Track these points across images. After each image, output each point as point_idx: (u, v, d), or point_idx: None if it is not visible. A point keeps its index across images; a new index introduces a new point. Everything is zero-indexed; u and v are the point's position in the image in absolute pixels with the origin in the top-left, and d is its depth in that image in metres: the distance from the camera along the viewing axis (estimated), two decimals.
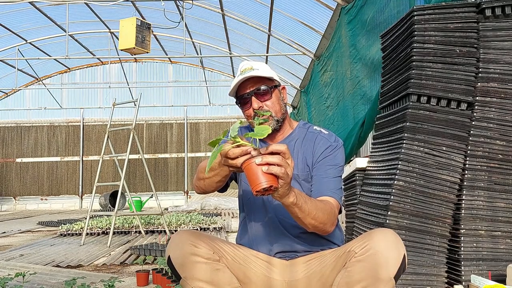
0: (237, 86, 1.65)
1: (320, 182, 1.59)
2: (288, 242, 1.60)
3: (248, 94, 1.63)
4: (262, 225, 1.65)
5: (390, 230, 1.39)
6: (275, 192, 1.27)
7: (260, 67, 1.65)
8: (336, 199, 1.56)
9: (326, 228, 1.49)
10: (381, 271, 1.30)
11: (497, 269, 2.55)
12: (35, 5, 10.22)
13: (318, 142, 1.66)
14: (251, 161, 1.23)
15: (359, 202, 3.36)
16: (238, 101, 1.68)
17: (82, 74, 16.54)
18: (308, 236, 1.60)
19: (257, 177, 1.22)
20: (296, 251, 1.60)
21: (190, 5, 8.66)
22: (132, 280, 3.29)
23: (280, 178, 1.23)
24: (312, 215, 1.41)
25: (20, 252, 4.79)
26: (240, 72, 1.65)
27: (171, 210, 11.54)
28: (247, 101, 1.65)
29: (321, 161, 1.62)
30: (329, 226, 1.49)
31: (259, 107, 1.62)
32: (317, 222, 1.43)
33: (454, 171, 2.71)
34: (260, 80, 1.64)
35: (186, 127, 16.28)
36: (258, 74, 1.61)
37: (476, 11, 2.82)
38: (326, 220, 1.46)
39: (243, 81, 1.63)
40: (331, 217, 1.49)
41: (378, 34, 4.41)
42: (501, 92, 2.76)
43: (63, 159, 16.07)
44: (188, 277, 1.45)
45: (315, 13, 8.08)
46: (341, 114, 6.94)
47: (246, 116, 1.69)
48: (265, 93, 1.63)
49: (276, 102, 1.65)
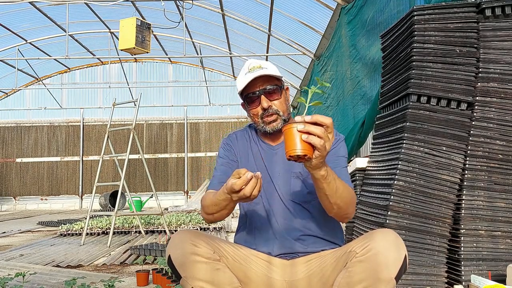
0: (246, 84, 1.63)
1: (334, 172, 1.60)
2: (288, 244, 1.59)
3: (258, 93, 1.62)
4: (263, 228, 1.64)
5: (391, 231, 1.38)
6: (308, 162, 1.28)
7: (269, 66, 1.64)
8: (351, 187, 1.55)
9: (349, 211, 1.48)
10: (382, 271, 1.30)
11: (497, 269, 2.55)
12: (35, 5, 10.22)
13: None
14: (292, 125, 1.23)
15: (359, 202, 3.36)
16: (245, 99, 1.66)
17: (82, 74, 16.54)
18: (308, 238, 1.59)
19: (294, 142, 1.23)
20: (297, 252, 1.60)
21: (190, 5, 8.66)
22: (132, 280, 3.29)
23: (317, 149, 1.23)
24: (339, 193, 1.40)
25: (20, 252, 4.79)
26: (248, 70, 1.63)
27: (171, 210, 11.54)
28: (255, 100, 1.63)
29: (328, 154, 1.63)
30: (351, 210, 1.49)
31: (268, 106, 1.62)
32: (342, 203, 1.43)
33: (454, 171, 2.71)
34: (269, 79, 1.62)
35: (186, 127, 16.27)
36: (268, 73, 1.60)
37: (476, 11, 2.81)
38: (350, 202, 1.46)
39: (253, 79, 1.62)
40: (353, 201, 1.49)
41: (378, 34, 4.41)
42: (501, 92, 2.76)
43: (63, 159, 16.07)
44: (189, 276, 1.44)
45: (315, 13, 8.08)
46: (341, 114, 6.94)
47: (252, 114, 1.67)
48: (275, 93, 1.63)
49: (283, 102, 1.66)
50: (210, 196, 1.53)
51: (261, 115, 1.64)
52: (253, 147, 1.74)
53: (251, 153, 1.73)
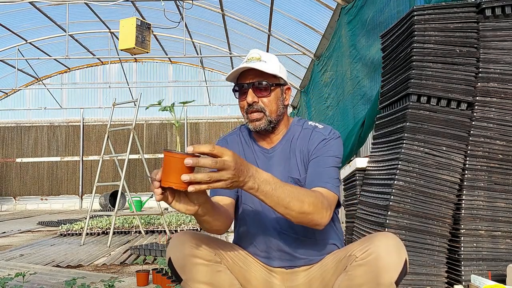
0: (239, 73, 1.57)
1: (313, 174, 1.50)
2: (288, 257, 1.56)
3: (246, 86, 1.55)
4: (261, 237, 1.59)
5: (392, 234, 1.37)
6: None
7: (269, 60, 1.56)
8: (328, 188, 1.44)
9: (314, 218, 1.33)
10: (382, 275, 1.28)
11: (497, 269, 2.55)
12: (35, 5, 10.22)
13: (313, 138, 1.57)
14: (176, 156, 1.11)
15: (359, 202, 3.36)
16: (236, 89, 1.59)
17: (82, 74, 16.54)
18: (307, 244, 1.56)
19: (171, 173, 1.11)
20: (297, 265, 1.56)
21: (190, 5, 8.65)
22: (132, 280, 3.29)
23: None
24: (284, 203, 1.26)
25: (20, 252, 4.79)
26: (246, 59, 1.56)
27: (171, 210, 11.54)
28: (244, 92, 1.56)
29: (314, 155, 1.54)
30: (318, 217, 1.34)
31: (253, 102, 1.54)
32: (295, 212, 1.29)
33: (454, 171, 2.71)
34: (262, 74, 1.54)
35: (186, 127, 16.27)
36: (262, 68, 1.51)
37: (476, 11, 2.81)
38: (310, 209, 1.31)
39: (247, 69, 1.54)
40: (317, 208, 1.33)
41: (378, 34, 4.41)
42: (501, 92, 2.76)
43: (63, 159, 16.07)
44: (189, 279, 1.43)
45: (315, 13, 8.08)
46: (341, 114, 6.93)
47: (240, 106, 1.60)
48: (264, 89, 1.54)
49: (273, 101, 1.56)
50: None
51: (246, 109, 1.56)
52: (247, 152, 1.65)
53: (245, 159, 1.66)
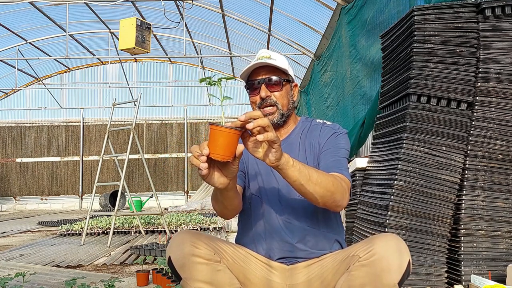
0: (251, 70, 1.66)
1: (328, 162, 1.57)
2: (289, 248, 1.58)
3: (259, 81, 1.64)
4: (263, 228, 1.62)
5: (395, 236, 1.37)
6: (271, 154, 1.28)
7: (278, 58, 1.66)
8: (344, 175, 1.51)
9: (336, 198, 1.41)
10: (385, 277, 1.29)
11: (497, 269, 2.55)
12: (35, 5, 10.22)
13: (323, 131, 1.66)
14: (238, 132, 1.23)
15: (359, 202, 3.36)
16: (248, 86, 1.68)
17: (82, 74, 16.53)
18: (309, 236, 1.58)
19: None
20: (297, 258, 1.58)
21: (190, 5, 8.65)
22: (132, 280, 3.29)
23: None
24: (314, 179, 1.35)
25: (20, 252, 4.79)
26: (257, 58, 1.65)
27: (171, 210, 11.54)
28: (256, 88, 1.65)
29: (326, 146, 1.62)
30: (339, 197, 1.42)
31: (266, 96, 1.62)
32: (322, 189, 1.37)
33: (454, 171, 2.71)
34: (274, 70, 1.64)
35: (186, 127, 16.27)
36: (274, 63, 1.61)
37: (476, 11, 2.82)
38: (333, 188, 1.39)
39: (257, 67, 1.64)
40: (339, 188, 1.42)
41: (378, 34, 4.41)
42: (501, 92, 2.76)
43: (63, 159, 16.07)
44: (189, 278, 1.44)
45: (315, 13, 8.08)
46: (341, 114, 6.94)
47: (251, 102, 1.68)
48: (276, 84, 1.63)
49: (284, 95, 1.65)
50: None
51: (258, 104, 1.64)
52: None
53: None
